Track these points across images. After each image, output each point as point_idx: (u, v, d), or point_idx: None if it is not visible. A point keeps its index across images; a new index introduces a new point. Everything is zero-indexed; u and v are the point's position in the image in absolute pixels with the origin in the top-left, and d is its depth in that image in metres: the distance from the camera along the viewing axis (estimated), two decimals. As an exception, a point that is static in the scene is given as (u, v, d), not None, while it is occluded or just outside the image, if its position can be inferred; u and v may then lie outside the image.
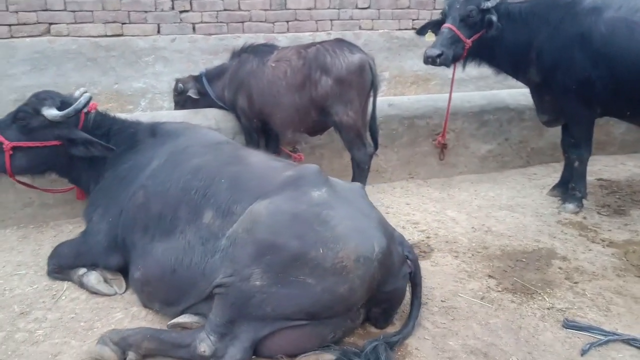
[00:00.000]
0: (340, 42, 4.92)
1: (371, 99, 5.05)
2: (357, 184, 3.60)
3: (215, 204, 3.30)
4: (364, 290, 3.02)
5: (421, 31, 5.45)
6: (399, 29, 7.26)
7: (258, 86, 5.10)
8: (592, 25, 4.88)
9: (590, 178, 6.31)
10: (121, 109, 6.39)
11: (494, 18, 4.97)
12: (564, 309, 3.67)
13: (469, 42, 5.06)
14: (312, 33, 6.99)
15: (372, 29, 7.27)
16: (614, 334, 3.36)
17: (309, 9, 6.94)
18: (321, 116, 4.93)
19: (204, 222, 3.26)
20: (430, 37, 5.35)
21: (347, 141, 4.98)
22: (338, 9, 7.07)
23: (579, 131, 5.30)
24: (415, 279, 3.41)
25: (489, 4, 4.99)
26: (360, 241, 3.02)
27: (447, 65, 5.13)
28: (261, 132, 5.42)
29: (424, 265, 4.27)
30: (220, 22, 6.61)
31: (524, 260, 4.39)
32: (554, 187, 5.84)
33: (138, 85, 6.45)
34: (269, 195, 3.16)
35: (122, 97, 6.42)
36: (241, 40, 6.50)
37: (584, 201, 5.52)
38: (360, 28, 7.23)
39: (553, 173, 6.47)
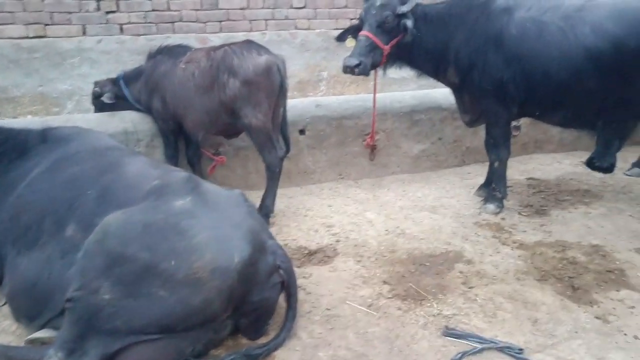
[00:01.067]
0: (248, 44, 4.85)
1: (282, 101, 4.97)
2: (237, 191, 3.53)
3: (79, 216, 3.22)
4: (222, 301, 2.96)
5: (341, 37, 5.34)
6: (337, 29, 7.15)
7: (171, 88, 5.03)
8: (503, 25, 4.83)
9: (521, 177, 6.32)
10: (47, 111, 6.30)
11: (409, 23, 4.87)
12: (450, 316, 3.62)
13: (387, 48, 4.96)
14: (246, 33, 6.90)
15: (308, 29, 7.19)
16: (491, 341, 3.32)
17: (242, 8, 6.85)
18: (231, 118, 4.86)
19: (66, 235, 3.19)
20: (351, 43, 5.23)
21: (258, 144, 4.91)
22: (272, 8, 6.99)
23: (497, 131, 5.25)
24: (289, 289, 3.36)
25: (404, 9, 4.90)
26: (219, 251, 2.96)
27: (366, 74, 5.01)
28: (179, 134, 5.34)
29: (322, 271, 4.23)
30: (149, 22, 6.52)
31: (427, 264, 4.34)
32: (480, 187, 5.80)
33: (64, 87, 6.35)
34: (130, 205, 3.09)
35: (47, 99, 6.32)
36: (171, 40, 6.39)
37: (506, 201, 5.48)
38: (296, 28, 7.14)
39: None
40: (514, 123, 6.74)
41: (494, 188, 5.44)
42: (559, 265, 4.27)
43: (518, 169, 6.70)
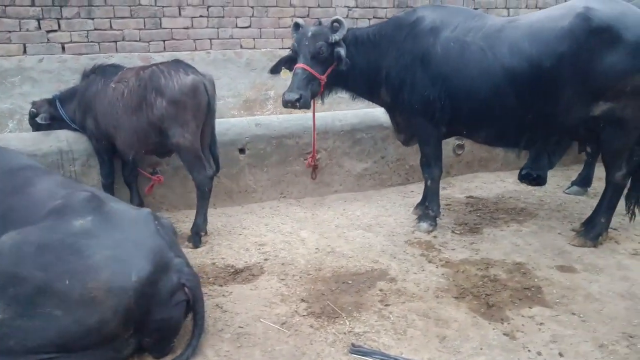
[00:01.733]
0: (176, 63, 4.89)
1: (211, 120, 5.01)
2: (145, 210, 3.54)
3: (-18, 236, 3.20)
4: (119, 321, 2.97)
5: (275, 69, 5.34)
6: (282, 48, 7.26)
7: (101, 108, 5.04)
8: (429, 45, 4.94)
9: (461, 195, 6.40)
10: (-13, 130, 6.26)
11: (342, 52, 4.92)
12: (360, 333, 3.65)
13: (323, 78, 5.01)
14: (190, 52, 6.95)
15: (254, 48, 7.26)
16: (395, 358, 3.35)
17: (186, 28, 6.90)
18: (160, 138, 4.88)
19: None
20: (285, 74, 5.28)
21: (187, 163, 4.93)
22: (217, 28, 7.05)
23: (428, 150, 5.33)
24: (195, 307, 3.36)
25: (336, 37, 4.96)
26: (116, 271, 2.98)
27: (308, 107, 5.03)
28: (113, 153, 5.33)
29: (243, 289, 4.24)
30: (92, 41, 6.54)
31: (350, 282, 4.37)
32: (417, 206, 5.86)
33: (4, 106, 6.32)
34: (30, 225, 3.09)
35: (-13, 118, 6.30)
36: (114, 59, 6.42)
37: (442, 219, 5.55)
38: (241, 47, 7.21)
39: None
40: (457, 142, 6.88)
41: (427, 206, 5.51)
42: (479, 283, 4.33)
43: (460, 187, 6.80)
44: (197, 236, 5.00)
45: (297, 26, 5.15)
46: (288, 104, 4.91)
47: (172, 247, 3.45)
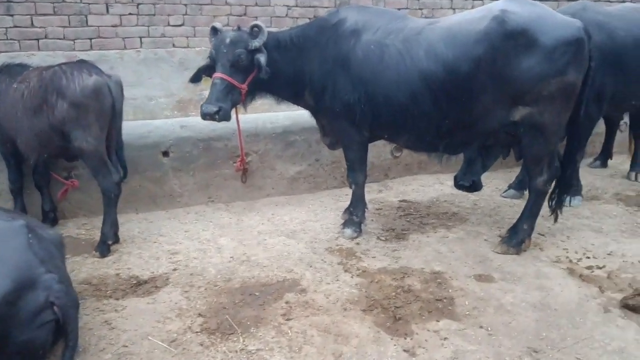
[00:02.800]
0: (80, 64, 4.64)
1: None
2: (19, 222, 3.30)
3: None
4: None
5: (194, 79, 5.04)
6: (217, 47, 7.00)
7: (3, 109, 4.77)
8: (350, 48, 4.76)
9: (394, 199, 6.25)
10: None
11: (263, 60, 4.62)
12: (253, 351, 3.46)
13: (244, 87, 4.73)
14: (119, 51, 6.66)
15: (187, 47, 7.00)
16: (281, 379, 3.15)
17: (114, 26, 6.62)
18: (64, 141, 4.62)
19: None
20: (206, 83, 4.98)
21: (91, 168, 4.69)
22: (147, 26, 6.77)
23: (352, 155, 5.15)
24: (65, 327, 3.13)
25: (256, 44, 4.69)
26: (-33, 290, 2.73)
27: (228, 119, 4.74)
28: (19, 157, 5.05)
29: (140, 303, 4.02)
30: (11, 39, 6.22)
31: (257, 294, 4.17)
32: (345, 210, 5.67)
33: None
34: None
35: None
36: (36, 58, 6.14)
37: (370, 225, 5.39)
38: (174, 46, 6.94)
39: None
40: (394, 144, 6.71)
41: (351, 212, 5.33)
42: (392, 294, 4.16)
43: (396, 191, 6.65)
44: (104, 245, 4.76)
45: (214, 31, 4.85)
46: (207, 117, 4.61)
47: (46, 262, 3.21)
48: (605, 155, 7.83)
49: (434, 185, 6.86)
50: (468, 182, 5.47)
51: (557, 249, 4.94)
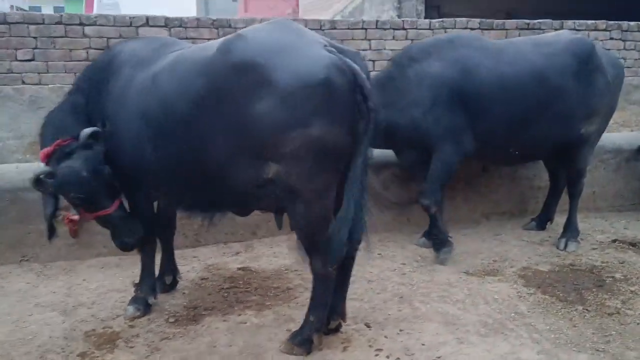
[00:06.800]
0: None
1: None
2: None
3: None
4: None
5: None
6: (76, 84, 6.33)
7: None
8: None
9: (236, 265, 5.36)
10: None
11: None
12: None
13: None
14: (-44, 88, 6.10)
15: (39, 84, 6.35)
16: None
17: (-48, 61, 6.06)
18: None
19: None
20: None
21: None
22: (-8, 60, 6.20)
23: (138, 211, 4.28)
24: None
25: None
26: None
27: None
28: None
29: None
30: None
31: None
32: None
33: None
34: None
35: None
36: None
37: (154, 301, 4.49)
38: (23, 82, 6.31)
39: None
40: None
41: (138, 284, 4.46)
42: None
43: (251, 255, 5.71)
44: None
45: None
46: None
47: None
48: (545, 216, 6.63)
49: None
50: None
51: (370, 349, 3.87)
